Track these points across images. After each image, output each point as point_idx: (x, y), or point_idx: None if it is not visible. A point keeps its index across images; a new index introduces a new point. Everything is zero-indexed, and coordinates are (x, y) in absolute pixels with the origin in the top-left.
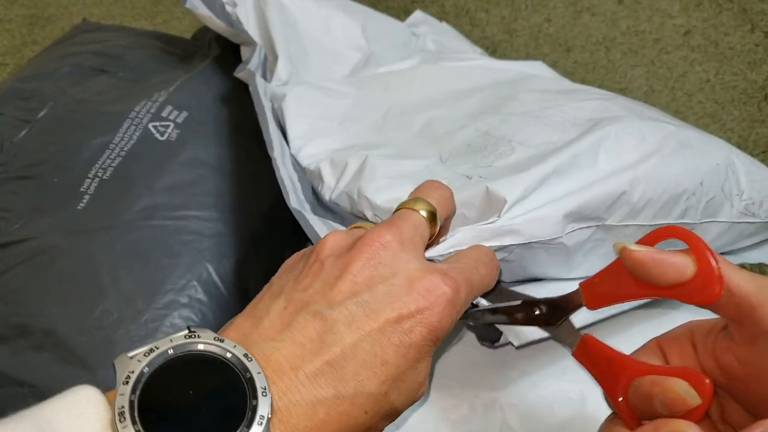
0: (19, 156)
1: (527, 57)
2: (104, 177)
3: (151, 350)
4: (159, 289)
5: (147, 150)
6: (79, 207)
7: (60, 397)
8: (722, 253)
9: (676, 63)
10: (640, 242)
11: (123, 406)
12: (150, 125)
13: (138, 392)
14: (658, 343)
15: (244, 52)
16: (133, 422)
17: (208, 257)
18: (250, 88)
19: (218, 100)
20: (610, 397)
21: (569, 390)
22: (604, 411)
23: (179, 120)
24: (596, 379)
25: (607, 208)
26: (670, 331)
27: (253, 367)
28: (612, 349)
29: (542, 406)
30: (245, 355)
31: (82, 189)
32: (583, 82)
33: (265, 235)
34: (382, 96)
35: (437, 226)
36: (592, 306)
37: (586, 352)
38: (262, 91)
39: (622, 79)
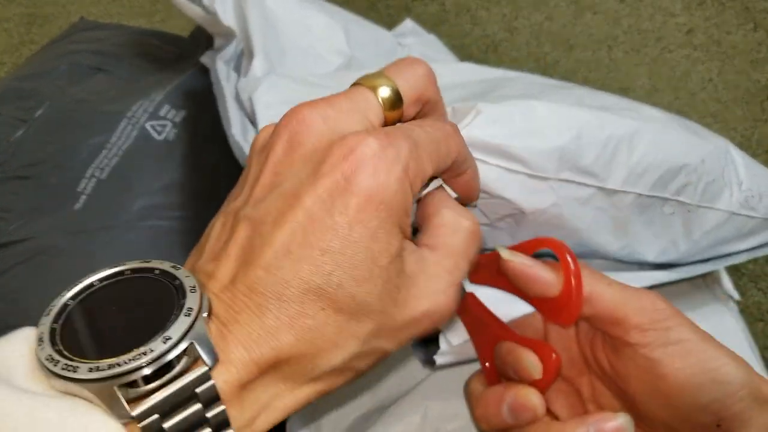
0: (16, 155)
1: (528, 55)
2: (101, 177)
3: (76, 284)
4: None
5: (144, 149)
6: (76, 207)
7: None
8: (715, 258)
9: (679, 62)
10: (517, 248)
11: (42, 333)
12: (147, 124)
13: (61, 320)
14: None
15: (218, 42)
16: (53, 344)
17: None
18: (211, 72)
19: (216, 99)
20: (479, 356)
21: None
22: None
23: (177, 119)
24: (470, 335)
25: (606, 162)
26: None
27: (180, 274)
28: (488, 310)
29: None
30: (172, 266)
31: (79, 189)
32: (585, 80)
33: None
34: None
35: (401, 108)
36: (473, 280)
37: (465, 308)
38: (224, 76)
39: (625, 77)
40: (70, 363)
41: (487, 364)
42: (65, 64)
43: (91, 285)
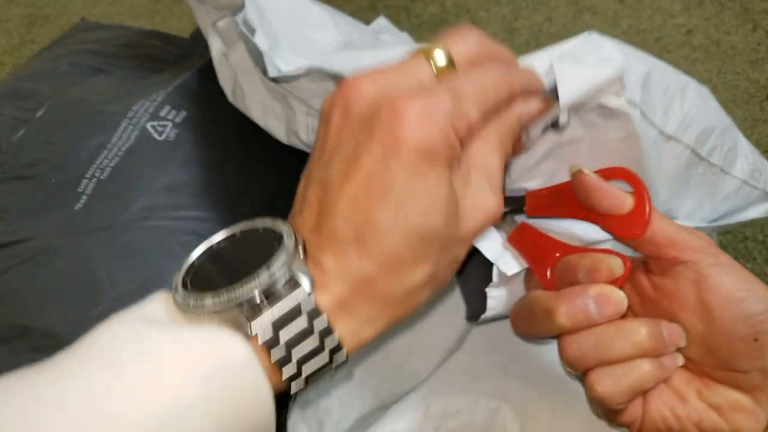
0: (17, 156)
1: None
2: (102, 177)
3: (198, 248)
4: (157, 289)
5: (145, 150)
6: (76, 207)
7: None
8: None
9: (678, 62)
10: (596, 173)
11: (176, 283)
12: (148, 125)
13: (190, 274)
14: None
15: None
16: (185, 289)
17: None
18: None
19: (217, 99)
20: (538, 273)
21: (572, 398)
22: None
23: (177, 120)
24: (527, 259)
25: (666, 107)
26: None
27: (278, 225)
28: (546, 235)
29: (544, 414)
30: (272, 220)
31: (79, 189)
32: None
33: None
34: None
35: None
36: (531, 213)
37: (521, 237)
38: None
39: None
40: (198, 300)
41: (548, 274)
42: (66, 64)
43: (210, 247)
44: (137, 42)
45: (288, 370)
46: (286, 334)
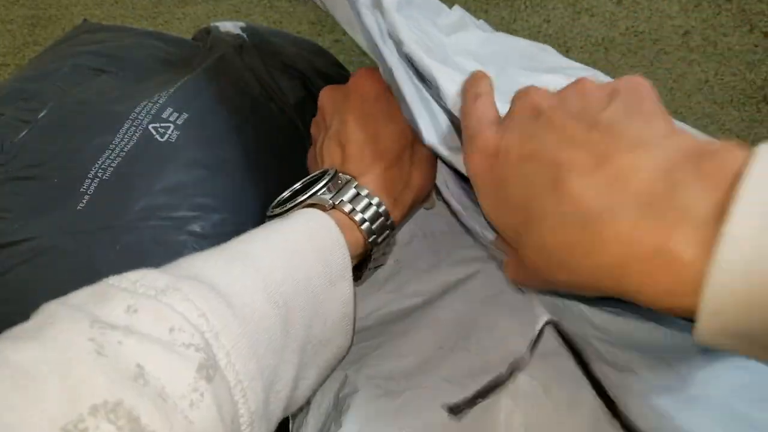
0: (19, 156)
1: None
2: (104, 177)
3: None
4: None
5: (147, 151)
6: (78, 207)
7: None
8: None
9: (675, 63)
10: None
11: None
12: (150, 126)
13: (275, 206)
14: None
15: None
16: (272, 209)
17: None
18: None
19: (219, 101)
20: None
21: (578, 395)
22: None
23: (179, 121)
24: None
25: None
26: None
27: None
28: None
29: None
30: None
31: (81, 189)
32: None
33: None
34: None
35: None
36: None
37: None
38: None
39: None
40: (284, 208)
41: None
42: (68, 65)
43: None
44: (139, 43)
45: (362, 223)
46: (348, 204)
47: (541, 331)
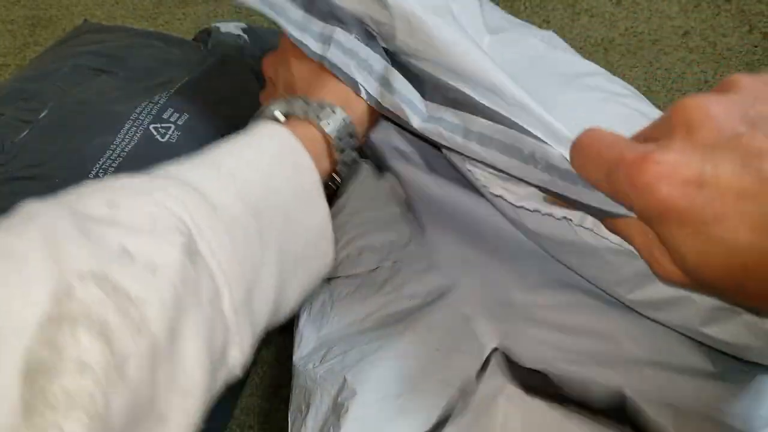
0: (20, 156)
1: None
2: (104, 177)
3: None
4: None
5: (148, 151)
6: None
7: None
8: None
9: (675, 64)
10: None
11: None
12: (151, 127)
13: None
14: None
15: None
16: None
17: None
18: None
19: (219, 102)
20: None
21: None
22: None
23: (180, 122)
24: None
25: None
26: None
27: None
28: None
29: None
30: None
31: None
32: None
33: None
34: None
35: None
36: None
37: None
38: None
39: (621, 79)
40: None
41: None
42: (69, 66)
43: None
44: (140, 44)
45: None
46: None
47: (487, 359)
